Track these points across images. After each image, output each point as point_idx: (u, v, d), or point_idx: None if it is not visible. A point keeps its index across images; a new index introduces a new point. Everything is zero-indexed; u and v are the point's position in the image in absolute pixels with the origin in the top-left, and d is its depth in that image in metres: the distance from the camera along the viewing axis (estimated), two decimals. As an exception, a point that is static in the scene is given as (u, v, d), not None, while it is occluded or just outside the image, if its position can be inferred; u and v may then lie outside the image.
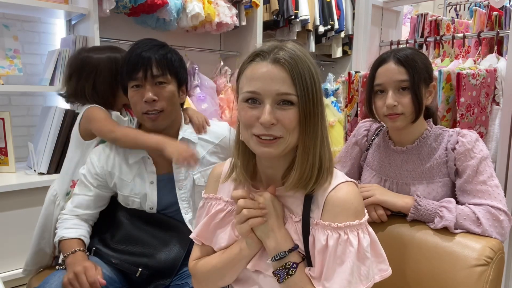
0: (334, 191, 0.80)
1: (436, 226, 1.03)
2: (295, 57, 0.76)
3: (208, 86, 2.64)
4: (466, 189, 1.08)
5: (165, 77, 1.18)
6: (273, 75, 0.75)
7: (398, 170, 1.20)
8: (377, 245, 0.82)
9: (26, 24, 2.26)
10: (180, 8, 2.32)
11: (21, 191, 1.84)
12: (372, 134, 1.32)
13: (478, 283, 0.95)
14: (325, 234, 0.78)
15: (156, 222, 1.25)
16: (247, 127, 0.78)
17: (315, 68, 0.79)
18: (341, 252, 0.77)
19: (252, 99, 0.77)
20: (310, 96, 0.76)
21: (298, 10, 3.01)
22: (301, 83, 0.76)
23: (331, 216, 0.79)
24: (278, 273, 0.79)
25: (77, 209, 1.25)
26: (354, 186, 0.83)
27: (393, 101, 1.10)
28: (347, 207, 0.79)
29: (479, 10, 2.06)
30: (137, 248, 1.22)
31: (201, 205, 0.97)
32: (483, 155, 1.08)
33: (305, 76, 0.76)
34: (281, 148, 0.78)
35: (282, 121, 0.76)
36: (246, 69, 0.80)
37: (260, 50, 0.78)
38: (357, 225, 0.78)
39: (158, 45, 1.20)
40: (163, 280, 1.19)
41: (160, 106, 1.17)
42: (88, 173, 1.26)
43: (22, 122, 2.29)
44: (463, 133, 1.13)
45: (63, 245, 1.19)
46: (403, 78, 1.10)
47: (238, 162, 0.87)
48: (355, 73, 1.96)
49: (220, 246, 0.91)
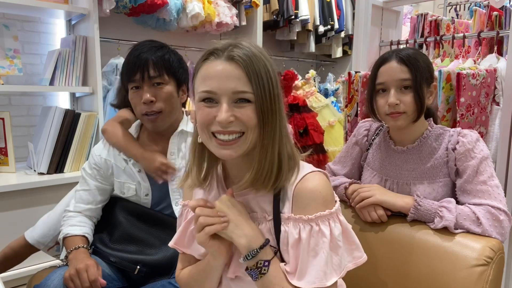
0: (301, 183, 0.78)
1: (436, 226, 1.03)
2: (250, 55, 0.75)
3: (208, 86, 2.64)
4: (466, 189, 1.08)
5: (163, 78, 1.19)
6: (228, 73, 0.74)
7: (399, 170, 1.20)
8: (350, 233, 0.82)
9: (26, 24, 2.26)
10: (180, 8, 2.32)
11: (21, 191, 1.84)
12: (372, 134, 1.32)
13: (478, 283, 0.95)
14: (297, 227, 0.77)
15: (153, 220, 1.27)
16: (205, 126, 0.76)
17: (271, 65, 0.78)
18: (314, 243, 0.76)
19: (208, 98, 0.76)
20: (266, 93, 0.75)
21: (298, 10, 3.01)
22: (257, 80, 0.74)
23: (301, 208, 0.77)
24: (251, 273, 0.78)
25: (79, 205, 1.29)
26: (322, 175, 0.81)
27: (395, 99, 1.10)
28: (315, 197, 0.77)
29: (479, 10, 2.06)
30: (134, 246, 1.24)
31: (180, 214, 0.95)
32: (483, 155, 1.08)
33: (260, 73, 0.74)
34: (243, 149, 0.77)
35: (240, 119, 0.74)
36: (201, 68, 0.77)
37: (214, 48, 0.77)
38: (328, 215, 0.77)
39: (156, 46, 1.22)
40: (161, 277, 1.20)
41: (158, 107, 1.19)
42: (87, 165, 1.32)
43: (22, 122, 2.29)
44: (463, 133, 1.13)
45: (67, 242, 1.22)
46: (406, 76, 1.10)
47: (193, 167, 0.85)
48: (355, 73, 1.96)
49: (200, 253, 0.89)
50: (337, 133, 3.07)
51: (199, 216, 0.79)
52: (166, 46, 1.25)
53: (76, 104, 2.38)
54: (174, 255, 1.22)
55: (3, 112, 2.02)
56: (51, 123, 1.99)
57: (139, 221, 1.27)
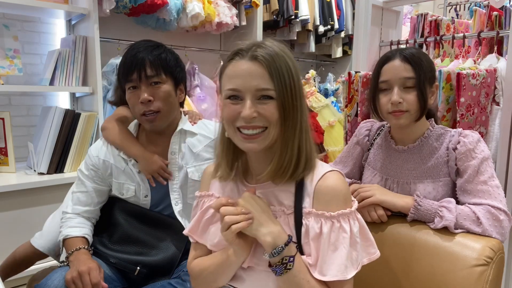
0: (322, 180, 0.83)
1: (436, 226, 1.03)
2: (273, 54, 0.80)
3: (208, 86, 2.64)
4: (467, 188, 1.08)
5: (160, 77, 1.18)
6: (251, 72, 0.79)
7: (399, 169, 1.20)
8: (365, 230, 0.87)
9: (26, 24, 2.26)
10: (180, 8, 2.32)
11: (21, 191, 1.84)
12: (373, 133, 1.32)
13: (478, 283, 0.95)
14: (319, 222, 0.81)
15: (153, 221, 1.26)
16: (231, 122, 0.82)
17: (293, 63, 0.82)
18: (335, 239, 0.80)
19: (233, 96, 0.81)
20: (288, 90, 0.80)
21: (298, 10, 3.01)
22: (279, 78, 0.79)
23: (323, 205, 0.82)
24: (275, 269, 0.80)
25: (77, 207, 1.27)
26: (340, 175, 0.86)
27: (399, 97, 1.10)
28: (337, 195, 0.82)
29: (479, 10, 2.06)
30: (134, 247, 1.23)
31: (195, 205, 0.99)
32: (484, 156, 1.08)
33: (282, 71, 0.79)
34: (265, 142, 0.81)
35: (263, 114, 0.79)
36: (227, 68, 0.83)
37: (239, 49, 0.82)
38: (348, 213, 0.82)
39: (153, 46, 1.21)
40: (161, 277, 1.20)
41: (156, 107, 1.18)
42: (84, 166, 1.30)
43: (22, 122, 2.29)
44: (465, 133, 1.13)
45: (67, 243, 1.20)
46: (409, 75, 1.10)
47: (222, 160, 0.90)
48: (355, 73, 1.96)
49: (213, 243, 0.92)
50: (337, 133, 3.07)
51: (224, 215, 0.81)
52: (162, 45, 1.25)
53: (76, 104, 2.38)
54: (174, 255, 1.22)
55: (3, 112, 2.02)
56: (51, 123, 1.99)
57: (138, 222, 1.26)
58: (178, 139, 1.27)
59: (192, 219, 0.99)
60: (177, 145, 1.27)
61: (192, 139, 1.28)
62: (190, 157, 1.27)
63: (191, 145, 1.27)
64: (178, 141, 1.27)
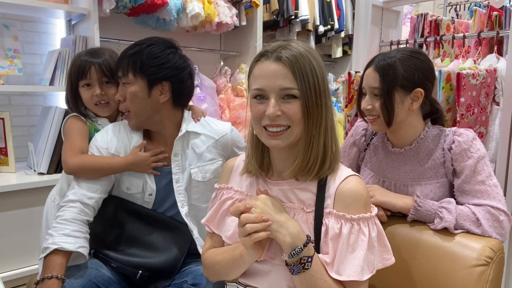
0: (345, 183, 0.86)
1: (436, 227, 1.03)
2: (297, 54, 0.83)
3: (208, 86, 2.64)
4: (465, 189, 1.08)
5: (127, 78, 1.20)
6: (276, 72, 0.82)
7: (396, 171, 1.20)
8: (383, 236, 0.89)
9: (26, 24, 2.26)
10: (180, 8, 2.32)
11: (21, 191, 1.84)
12: (370, 133, 1.32)
13: (478, 283, 0.95)
14: (339, 223, 0.84)
15: (156, 222, 1.24)
16: (257, 120, 0.86)
17: (318, 63, 0.85)
18: (354, 241, 0.83)
19: (259, 95, 0.85)
20: (311, 89, 0.82)
21: (298, 10, 3.01)
22: (302, 77, 0.82)
23: (344, 207, 0.84)
24: (293, 268, 0.81)
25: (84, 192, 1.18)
26: (361, 180, 0.89)
27: (367, 104, 1.15)
28: (358, 199, 0.85)
29: (479, 10, 2.06)
30: (137, 249, 1.21)
31: (213, 196, 1.04)
32: (480, 154, 1.08)
33: (306, 71, 0.82)
34: (289, 140, 0.85)
35: (286, 113, 0.83)
36: (254, 69, 0.87)
37: (265, 50, 0.86)
38: (369, 218, 0.84)
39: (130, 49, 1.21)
40: (163, 280, 1.19)
41: (124, 107, 1.24)
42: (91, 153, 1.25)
43: (22, 122, 2.29)
44: (459, 132, 1.12)
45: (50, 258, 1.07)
46: (375, 85, 1.12)
47: (251, 154, 0.94)
48: (355, 73, 1.96)
49: (227, 234, 0.95)
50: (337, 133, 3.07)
51: (245, 223, 0.82)
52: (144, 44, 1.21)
53: (76, 104, 2.38)
54: (177, 258, 1.21)
55: (3, 112, 2.02)
56: (51, 123, 1.98)
57: (141, 223, 1.24)
58: (181, 141, 1.26)
59: (210, 208, 1.03)
60: (180, 147, 1.26)
61: (196, 140, 1.27)
62: (194, 157, 1.26)
63: (195, 146, 1.27)
64: (181, 143, 1.26)
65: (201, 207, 1.29)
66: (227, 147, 1.33)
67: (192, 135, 1.27)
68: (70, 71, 1.37)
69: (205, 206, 1.28)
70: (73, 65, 1.37)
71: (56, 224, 1.14)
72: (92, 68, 1.33)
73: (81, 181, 1.20)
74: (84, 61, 1.35)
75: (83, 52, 1.39)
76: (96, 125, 1.38)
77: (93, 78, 1.34)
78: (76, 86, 1.37)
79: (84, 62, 1.35)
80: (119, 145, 1.25)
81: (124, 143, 1.25)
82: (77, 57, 1.38)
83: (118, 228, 1.24)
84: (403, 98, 1.11)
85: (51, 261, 1.07)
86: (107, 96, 1.36)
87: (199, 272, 1.15)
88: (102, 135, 1.26)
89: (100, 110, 1.38)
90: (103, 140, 1.25)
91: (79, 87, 1.36)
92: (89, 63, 1.34)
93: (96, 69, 1.34)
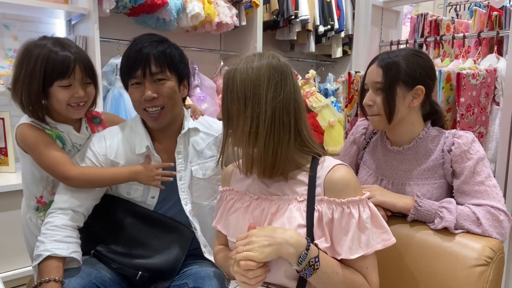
0: (332, 171, 0.91)
1: (436, 226, 1.03)
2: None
3: (208, 86, 2.64)
4: (465, 190, 1.08)
5: (164, 74, 1.16)
6: None
7: (394, 170, 1.20)
8: (378, 218, 0.92)
9: (26, 24, 2.26)
10: (180, 8, 2.32)
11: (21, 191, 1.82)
12: (370, 132, 1.33)
13: (478, 283, 0.95)
14: (331, 208, 0.89)
15: (156, 223, 1.24)
16: None
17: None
18: (345, 223, 0.88)
19: None
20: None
21: (298, 10, 3.01)
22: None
23: (334, 194, 0.90)
24: (305, 272, 0.85)
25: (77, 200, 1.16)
26: (348, 168, 0.94)
27: (369, 100, 1.16)
28: (347, 185, 0.90)
29: (479, 10, 2.06)
30: (137, 250, 1.20)
31: (218, 198, 1.11)
32: (479, 156, 1.09)
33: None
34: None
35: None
36: None
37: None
38: (358, 201, 0.89)
39: (157, 41, 1.18)
40: (163, 281, 1.19)
41: (160, 103, 1.17)
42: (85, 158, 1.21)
43: (22, 122, 2.28)
44: (459, 134, 1.13)
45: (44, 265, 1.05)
46: (378, 79, 1.13)
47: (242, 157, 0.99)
48: (355, 73, 1.96)
49: (228, 232, 1.02)
50: (337, 133, 3.07)
51: (247, 271, 0.85)
52: (167, 40, 1.22)
53: (76, 104, 2.37)
54: (176, 259, 1.20)
55: (3, 112, 2.02)
56: (51, 123, 1.98)
57: (141, 224, 1.23)
58: (183, 139, 1.26)
59: (216, 211, 1.10)
60: (182, 145, 1.26)
61: (196, 137, 1.27)
62: (194, 155, 1.26)
63: (195, 143, 1.27)
64: (183, 140, 1.26)
65: (203, 204, 1.29)
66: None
67: (192, 132, 1.27)
68: (42, 67, 1.11)
69: (206, 203, 1.29)
70: (46, 61, 1.11)
71: (46, 231, 1.11)
72: (77, 67, 1.13)
73: (72, 189, 1.18)
74: (65, 57, 1.12)
75: (49, 43, 1.15)
76: (57, 131, 1.21)
77: (76, 78, 1.14)
78: (48, 86, 1.13)
79: (65, 58, 1.12)
80: (120, 150, 1.23)
81: (126, 146, 1.23)
82: (47, 51, 1.12)
83: (118, 229, 1.23)
84: (405, 94, 1.12)
85: (46, 266, 1.05)
86: (87, 96, 1.19)
87: (200, 275, 1.15)
88: (99, 140, 1.24)
89: (74, 112, 1.19)
90: (100, 146, 1.22)
91: (52, 86, 1.13)
92: (72, 61, 1.12)
93: (81, 68, 1.15)
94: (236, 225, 1.00)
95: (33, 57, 1.13)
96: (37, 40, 1.19)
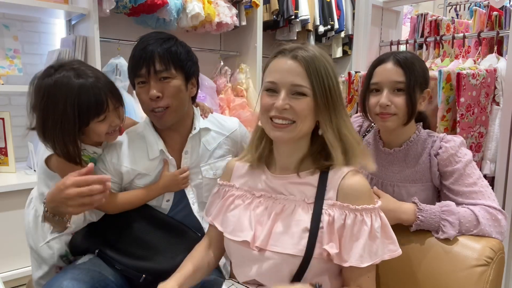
0: (348, 177, 0.90)
1: (439, 237, 1.02)
2: (313, 56, 0.88)
3: (208, 86, 2.64)
4: (457, 190, 1.08)
5: (170, 72, 1.14)
6: (290, 69, 0.88)
7: (384, 170, 1.21)
8: (388, 228, 0.90)
9: (26, 24, 2.26)
10: (180, 8, 2.32)
11: (21, 191, 1.84)
12: (364, 130, 1.34)
13: (478, 283, 0.95)
14: (343, 214, 0.87)
15: (165, 226, 1.22)
16: (265, 111, 0.90)
17: (332, 68, 0.91)
18: (357, 230, 0.86)
19: (271, 88, 0.90)
20: (323, 90, 0.88)
21: (298, 10, 3.01)
22: (316, 78, 0.87)
23: (349, 200, 0.88)
24: None
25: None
26: (362, 174, 0.93)
27: (387, 100, 1.11)
28: (363, 193, 0.89)
29: (479, 10, 2.06)
30: (141, 251, 1.18)
31: (215, 191, 1.09)
32: (468, 159, 1.09)
33: (320, 72, 0.88)
34: (292, 134, 0.89)
35: (294, 108, 0.87)
36: (270, 64, 0.92)
37: (283, 48, 0.91)
38: (372, 209, 0.88)
39: (163, 39, 1.16)
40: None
41: (165, 103, 1.14)
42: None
43: (22, 122, 2.27)
44: (446, 138, 1.13)
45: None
46: (400, 79, 1.10)
47: (252, 144, 1.01)
48: (355, 73, 1.96)
49: (227, 230, 0.99)
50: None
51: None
52: (174, 37, 1.19)
53: (76, 104, 2.37)
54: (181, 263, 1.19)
55: (3, 112, 2.02)
56: (51, 123, 1.98)
57: (150, 227, 1.22)
58: (193, 139, 1.24)
59: (209, 203, 1.09)
60: (190, 145, 1.24)
61: (207, 137, 1.26)
62: (205, 155, 1.25)
63: (206, 143, 1.25)
64: (191, 142, 1.24)
65: None
66: (237, 143, 1.32)
67: (203, 132, 1.26)
68: (75, 110, 1.04)
69: None
70: (78, 103, 1.04)
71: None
72: (109, 100, 1.10)
73: None
74: (95, 93, 1.06)
75: (67, 76, 1.04)
76: (90, 154, 1.21)
77: (110, 109, 1.12)
78: (85, 126, 1.09)
79: (96, 94, 1.06)
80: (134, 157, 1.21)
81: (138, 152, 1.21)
82: (72, 90, 1.03)
83: (124, 229, 1.21)
84: (418, 96, 1.13)
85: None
86: (121, 120, 1.18)
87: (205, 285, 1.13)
88: (110, 150, 1.22)
89: (111, 138, 1.19)
90: (113, 155, 1.21)
91: (88, 125, 1.09)
92: (103, 94, 1.08)
93: (111, 97, 1.11)
94: (236, 222, 0.97)
95: (60, 101, 1.04)
96: (49, 74, 1.07)
